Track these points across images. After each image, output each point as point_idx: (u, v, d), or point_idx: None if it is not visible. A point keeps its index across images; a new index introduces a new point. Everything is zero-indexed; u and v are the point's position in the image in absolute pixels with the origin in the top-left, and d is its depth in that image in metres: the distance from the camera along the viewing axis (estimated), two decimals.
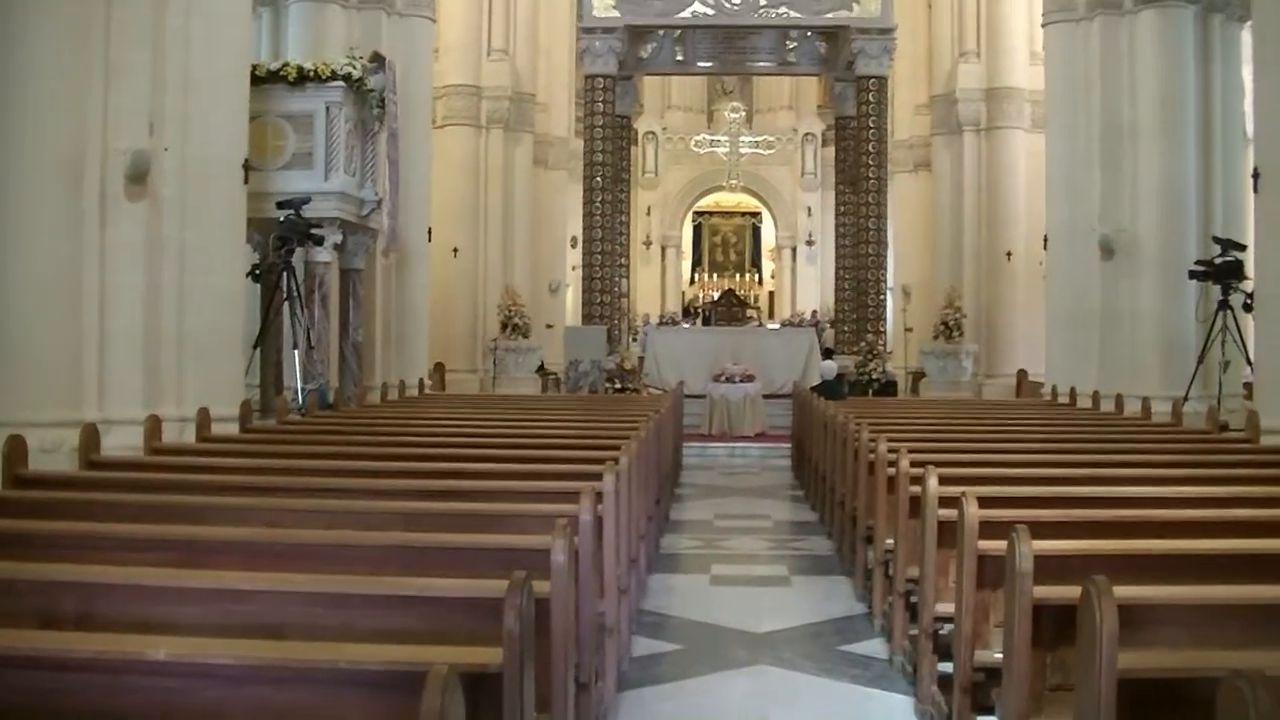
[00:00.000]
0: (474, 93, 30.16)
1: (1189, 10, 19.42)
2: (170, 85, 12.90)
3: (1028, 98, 29.45)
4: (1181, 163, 19.23)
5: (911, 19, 32.55)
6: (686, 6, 27.86)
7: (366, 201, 18.41)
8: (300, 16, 19.65)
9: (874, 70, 28.28)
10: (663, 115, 44.88)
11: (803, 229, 44.91)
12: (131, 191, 12.45)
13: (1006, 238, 29.73)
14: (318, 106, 16.80)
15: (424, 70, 22.35)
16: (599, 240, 28.93)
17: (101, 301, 12.24)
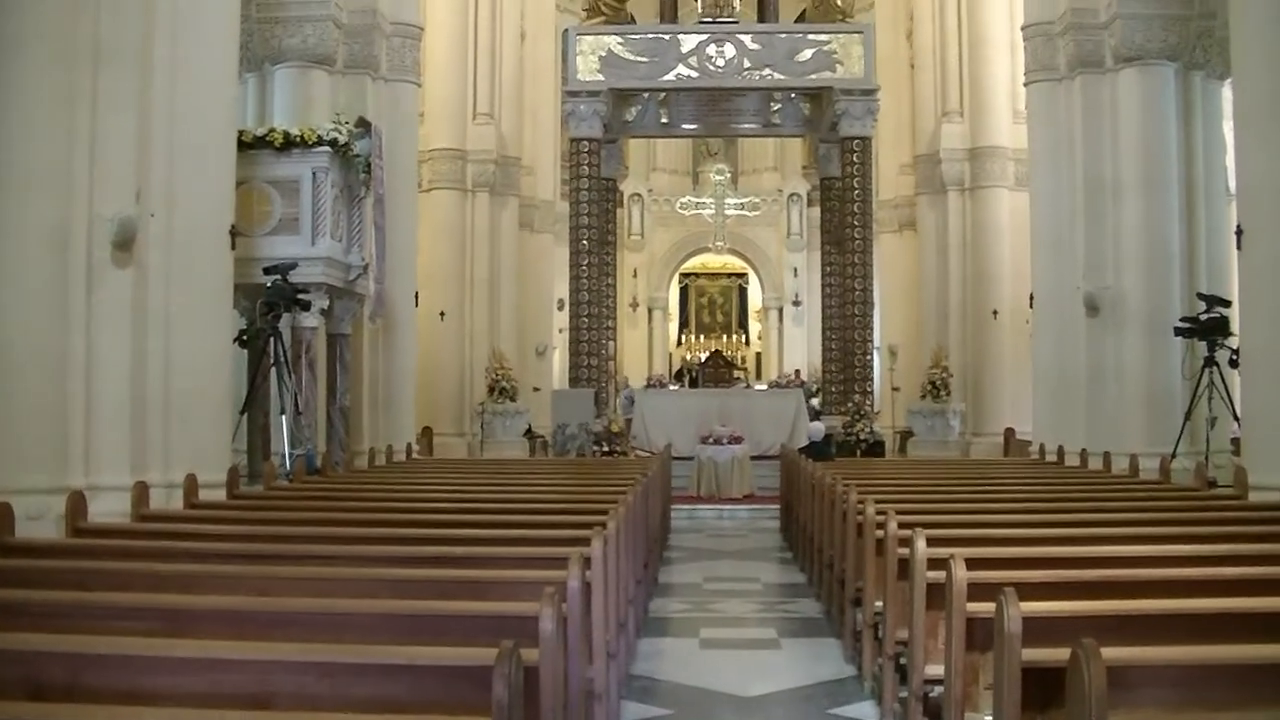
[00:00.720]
0: (459, 156, 30.24)
1: (1169, 68, 19.59)
2: (156, 152, 12.96)
3: (1011, 156, 29.58)
4: (1165, 219, 19.35)
5: (894, 80, 32.74)
6: (671, 70, 28.01)
7: (353, 266, 18.43)
8: (286, 82, 19.75)
9: (858, 131, 28.41)
10: (648, 177, 45.04)
11: (789, 290, 45.01)
12: (118, 258, 12.48)
13: (992, 296, 29.80)
14: (304, 172, 16.82)
15: (410, 134, 22.44)
16: (586, 303, 28.95)
17: (88, 367, 12.24)
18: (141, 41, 12.95)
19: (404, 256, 21.49)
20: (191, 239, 13.30)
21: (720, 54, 27.91)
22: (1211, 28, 19.48)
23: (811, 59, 27.81)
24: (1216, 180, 20.07)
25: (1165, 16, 19.51)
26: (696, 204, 42.30)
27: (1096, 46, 20.15)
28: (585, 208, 28.88)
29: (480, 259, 30.69)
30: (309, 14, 19.64)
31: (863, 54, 28.00)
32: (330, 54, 19.97)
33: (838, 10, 28.84)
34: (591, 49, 28.07)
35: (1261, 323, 14.17)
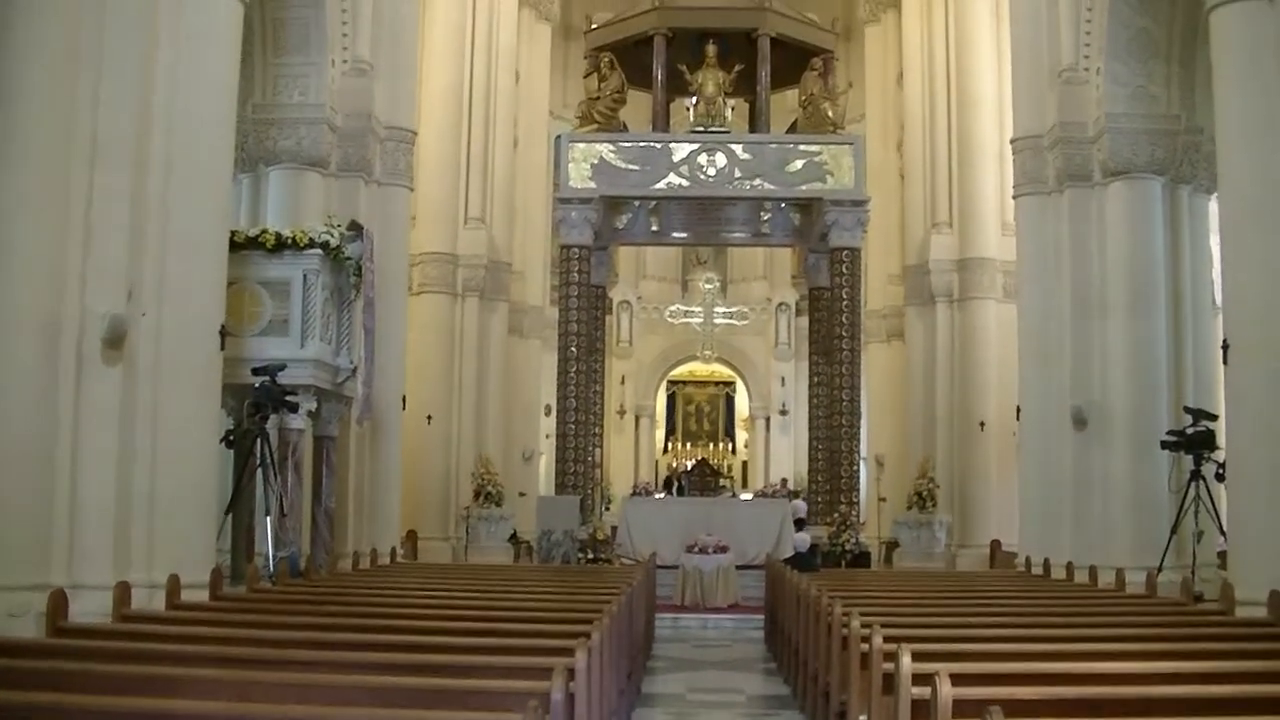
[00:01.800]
0: (450, 260, 30.32)
1: (1157, 182, 19.77)
2: (149, 249, 13.02)
3: (999, 268, 29.74)
4: (1152, 332, 19.44)
5: (884, 191, 32.97)
6: (662, 178, 28.15)
7: (342, 369, 18.43)
8: (280, 183, 19.86)
9: (847, 242, 28.50)
10: (637, 284, 45.16)
11: (776, 399, 45.04)
12: (108, 355, 12.48)
13: (979, 407, 29.83)
14: (295, 274, 16.86)
15: (401, 238, 22.54)
16: (573, 410, 28.90)
17: (74, 463, 12.21)
18: (137, 139, 13.04)
19: (392, 360, 21.51)
20: (181, 338, 13.31)
21: (711, 163, 28.07)
22: (1198, 142, 19.68)
23: (802, 169, 27.98)
24: (1203, 293, 20.19)
25: (1153, 131, 19.72)
26: (685, 312, 42.40)
27: (1085, 160, 20.34)
28: (574, 315, 28.90)
29: (469, 363, 30.71)
30: (304, 116, 19.80)
31: (853, 165, 28.16)
32: (324, 156, 20.10)
33: (829, 121, 29.01)
34: (584, 156, 28.21)
35: (1248, 437, 14.20)
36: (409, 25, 23.26)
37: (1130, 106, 19.85)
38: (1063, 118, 20.68)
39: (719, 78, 29.45)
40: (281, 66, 19.79)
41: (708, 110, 29.35)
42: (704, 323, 40.83)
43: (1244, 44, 14.45)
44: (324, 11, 19.77)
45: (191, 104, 13.76)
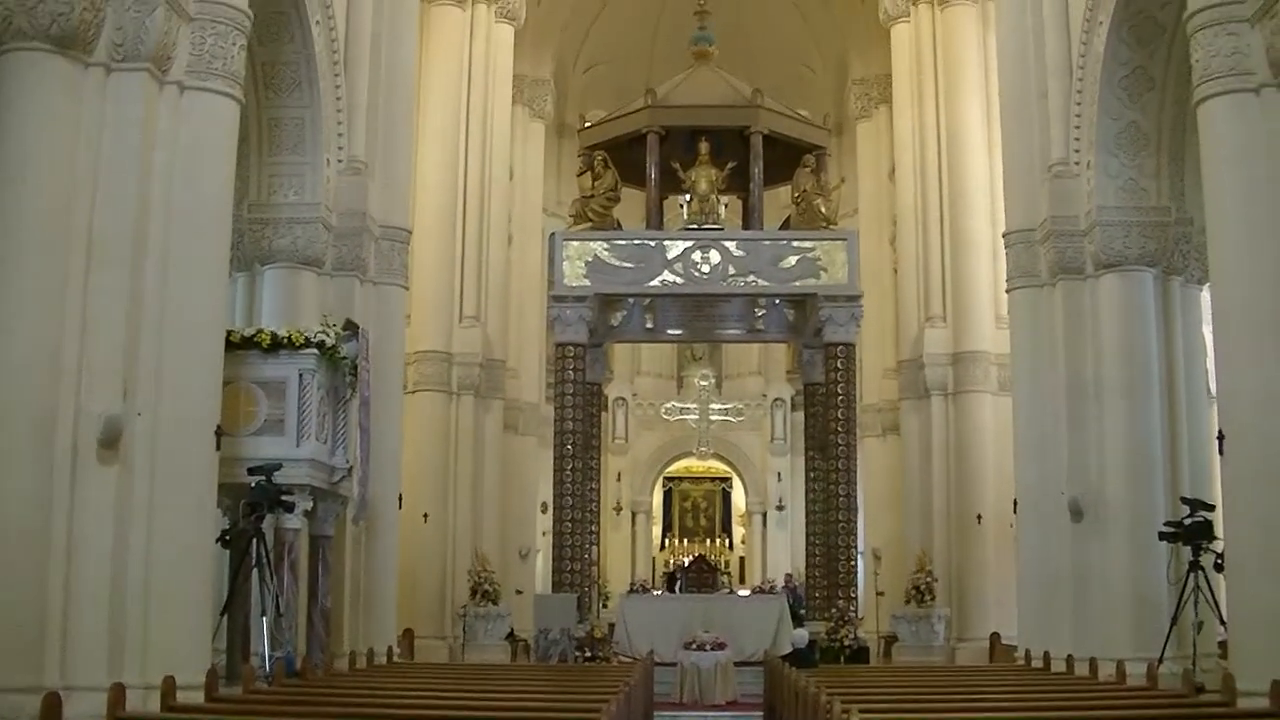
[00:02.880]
0: (445, 359, 30.37)
1: (1149, 274, 19.84)
2: (145, 348, 13.09)
3: (994, 361, 29.76)
4: (1147, 423, 19.42)
5: (878, 286, 33.12)
6: (656, 275, 28.23)
7: (337, 469, 18.40)
8: (275, 282, 19.89)
9: (842, 337, 28.53)
10: (633, 381, 45.20)
11: (773, 494, 44.95)
12: (103, 455, 12.51)
13: (976, 500, 29.76)
14: (291, 373, 16.86)
15: (396, 337, 22.59)
16: (569, 507, 28.81)
17: (68, 563, 12.21)
18: (134, 238, 13.15)
19: (388, 458, 21.47)
20: (177, 437, 13.35)
21: (705, 260, 28.17)
22: (1189, 233, 19.79)
23: (796, 265, 28.06)
24: (1197, 383, 20.20)
25: (1144, 223, 19.80)
26: (681, 409, 42.44)
27: (1077, 253, 20.42)
28: (570, 412, 28.87)
29: (465, 461, 30.67)
30: (299, 216, 19.86)
31: (847, 260, 28.24)
32: (319, 256, 20.15)
33: (822, 217, 29.15)
34: (578, 254, 28.31)
35: (1245, 527, 14.18)
36: (404, 124, 23.44)
37: (1121, 199, 19.97)
38: (1054, 211, 20.77)
39: (712, 175, 29.60)
40: (277, 165, 19.89)
41: (701, 207, 29.49)
42: (700, 419, 40.84)
43: (1233, 136, 14.57)
44: (319, 111, 19.91)
45: (189, 204, 13.90)
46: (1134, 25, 19.10)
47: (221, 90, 14.52)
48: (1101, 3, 19.50)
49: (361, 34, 21.60)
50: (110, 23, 13.22)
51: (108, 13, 13.16)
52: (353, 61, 21.27)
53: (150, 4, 13.42)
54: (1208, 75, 14.68)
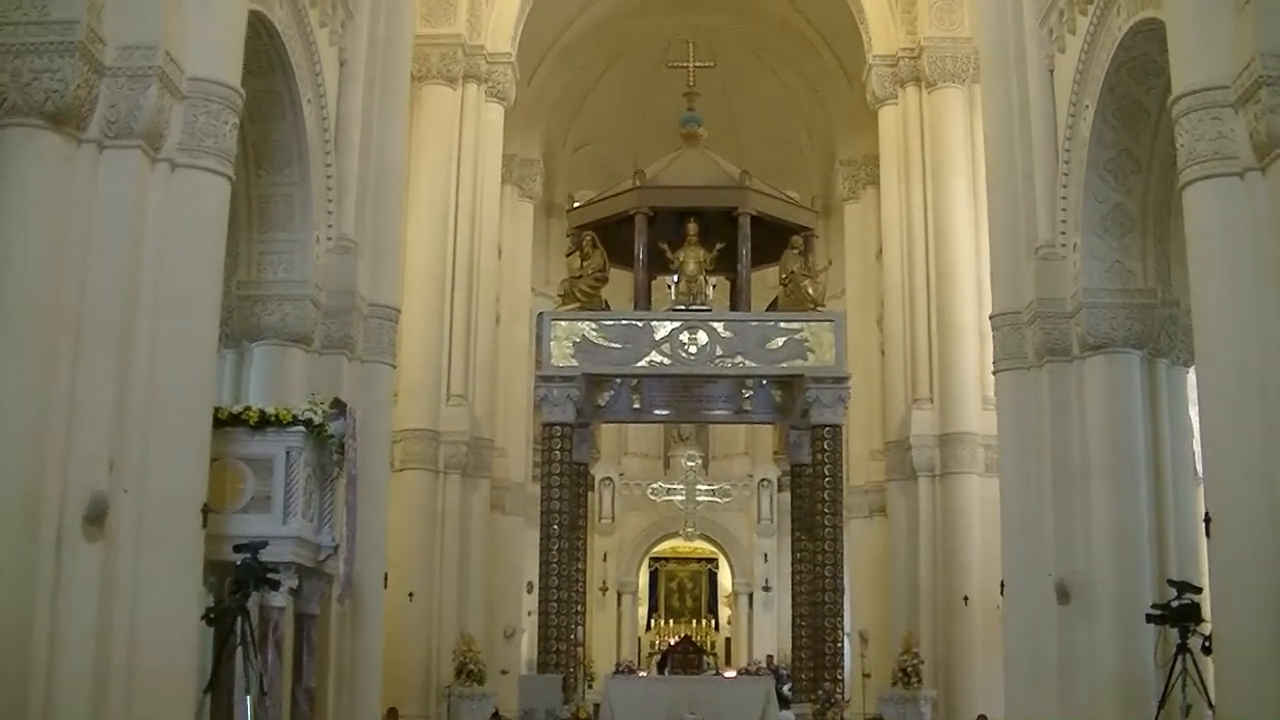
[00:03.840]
0: (432, 437, 30.32)
1: (1135, 355, 19.88)
2: (133, 427, 13.10)
3: (981, 443, 29.77)
4: (1134, 505, 19.40)
5: (865, 366, 33.18)
6: (644, 356, 28.23)
7: (324, 547, 18.30)
8: (263, 359, 19.88)
9: (829, 419, 28.49)
10: (619, 461, 45.22)
11: (759, 575, 44.88)
12: (88, 531, 12.50)
13: (962, 582, 29.68)
14: (278, 451, 16.78)
15: (384, 415, 22.56)
16: (555, 587, 28.67)
17: (51, 641, 12.17)
18: (123, 316, 13.20)
19: (374, 537, 21.37)
20: (163, 515, 13.34)
21: (693, 341, 28.18)
22: (1175, 315, 19.85)
23: (783, 347, 28.08)
24: (1184, 465, 20.22)
25: (1130, 305, 19.87)
26: (668, 489, 42.43)
27: (1063, 335, 20.49)
28: (557, 492, 28.78)
29: (450, 540, 30.57)
30: (288, 293, 19.90)
31: (834, 342, 28.26)
32: (308, 333, 20.17)
33: (809, 299, 29.19)
34: (566, 334, 28.32)
35: (1233, 610, 14.18)
36: (393, 203, 23.51)
37: (1107, 281, 20.06)
38: (1040, 293, 20.86)
39: (700, 256, 29.66)
40: (267, 243, 19.96)
41: (689, 288, 29.53)
42: (686, 499, 40.82)
43: (1217, 219, 14.68)
44: (310, 189, 20.00)
45: (179, 281, 13.99)
46: (1119, 109, 19.30)
47: (213, 168, 14.62)
48: (1087, 86, 19.70)
49: (352, 113, 21.74)
50: (104, 100, 13.34)
51: (102, 90, 13.28)
52: (343, 140, 21.41)
53: (144, 82, 13.54)
54: (1192, 159, 14.80)
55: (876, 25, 33.26)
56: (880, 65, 33.18)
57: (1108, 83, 19.06)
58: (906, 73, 32.65)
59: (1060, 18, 20.87)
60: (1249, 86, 14.00)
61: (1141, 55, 18.35)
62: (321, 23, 20.51)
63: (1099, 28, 19.16)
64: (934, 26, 31.98)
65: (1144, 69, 18.60)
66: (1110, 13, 18.71)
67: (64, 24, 12.93)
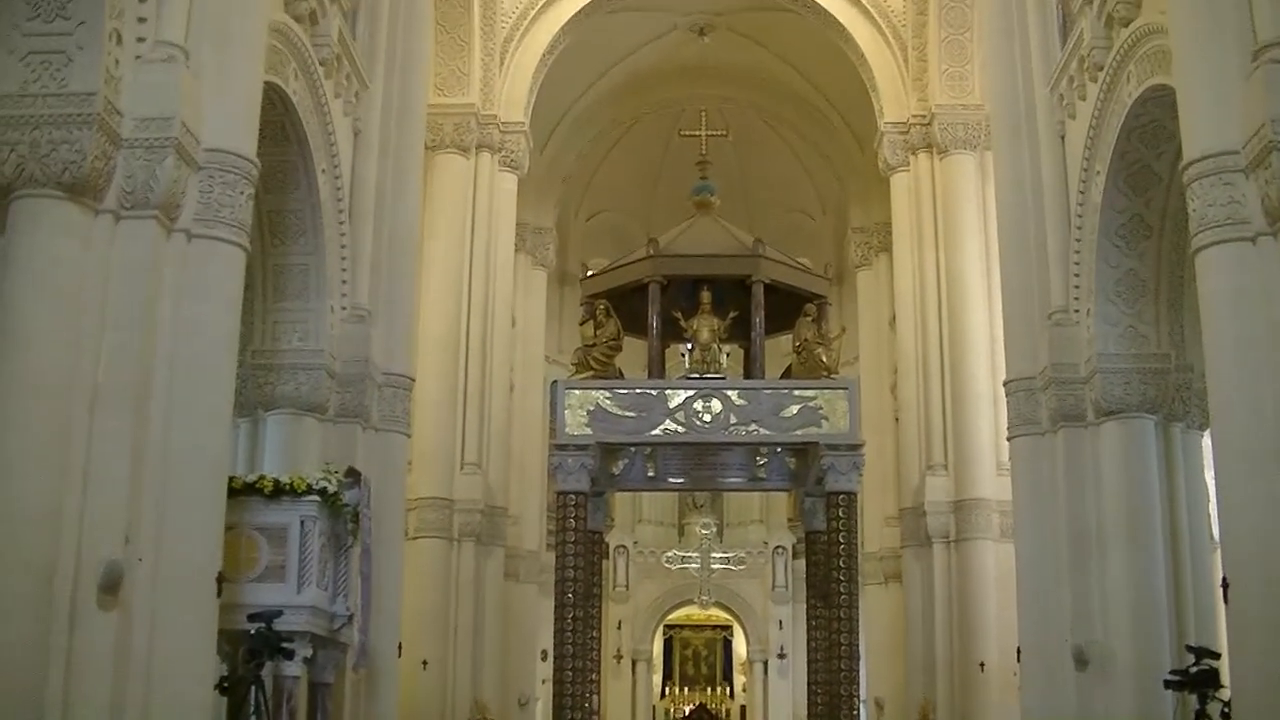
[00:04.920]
0: (446, 505, 30.28)
1: (1150, 420, 19.86)
2: (148, 494, 13.12)
3: (996, 508, 29.66)
4: (1151, 570, 19.31)
5: (879, 433, 33.12)
6: (658, 424, 28.16)
7: (338, 616, 18.28)
8: (278, 428, 19.93)
9: (843, 486, 28.37)
10: (634, 529, 45.17)
11: (774, 643, 44.70)
12: (103, 600, 12.49)
13: (979, 648, 29.51)
14: (292, 520, 16.79)
15: (398, 484, 22.56)
16: (570, 655, 28.53)
17: (64, 710, 12.11)
18: (139, 386, 13.25)
19: (389, 606, 21.32)
20: (178, 584, 13.34)
21: (707, 409, 28.12)
22: (1189, 379, 19.85)
23: (797, 414, 27.99)
24: (1200, 529, 20.15)
25: (1144, 370, 19.87)
26: (682, 557, 42.37)
27: (1077, 401, 20.47)
28: (571, 560, 28.67)
29: (465, 608, 30.48)
30: (303, 362, 19.96)
31: (848, 409, 28.16)
32: (322, 402, 20.21)
33: (823, 366, 29.13)
34: (580, 403, 28.27)
35: (1252, 675, 14.08)
36: (407, 272, 23.61)
37: (1121, 346, 20.07)
38: (1054, 359, 20.86)
39: (714, 324, 29.66)
40: (281, 312, 20.05)
41: (703, 356, 29.51)
42: (701, 567, 40.74)
43: (1230, 284, 14.68)
44: (324, 258, 20.11)
45: (194, 351, 14.04)
46: (1130, 174, 19.36)
47: (228, 238, 14.70)
48: (1098, 152, 19.77)
49: (366, 182, 21.87)
50: (121, 171, 13.45)
51: (119, 161, 13.40)
52: (357, 209, 21.52)
53: (160, 153, 13.65)
54: (1204, 224, 14.83)
55: (888, 93, 33.43)
56: (892, 132, 33.34)
57: (1119, 148, 19.15)
58: (918, 140, 32.80)
59: (1070, 84, 20.99)
60: (1260, 152, 14.04)
61: (1152, 121, 18.44)
62: (336, 93, 20.67)
63: (1109, 94, 19.26)
64: (945, 94, 32.11)
65: (1155, 134, 18.69)
66: (1120, 79, 18.81)
67: (82, 96, 13.07)
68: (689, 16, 36.65)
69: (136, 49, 13.91)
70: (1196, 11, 15.28)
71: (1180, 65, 15.78)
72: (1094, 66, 19.75)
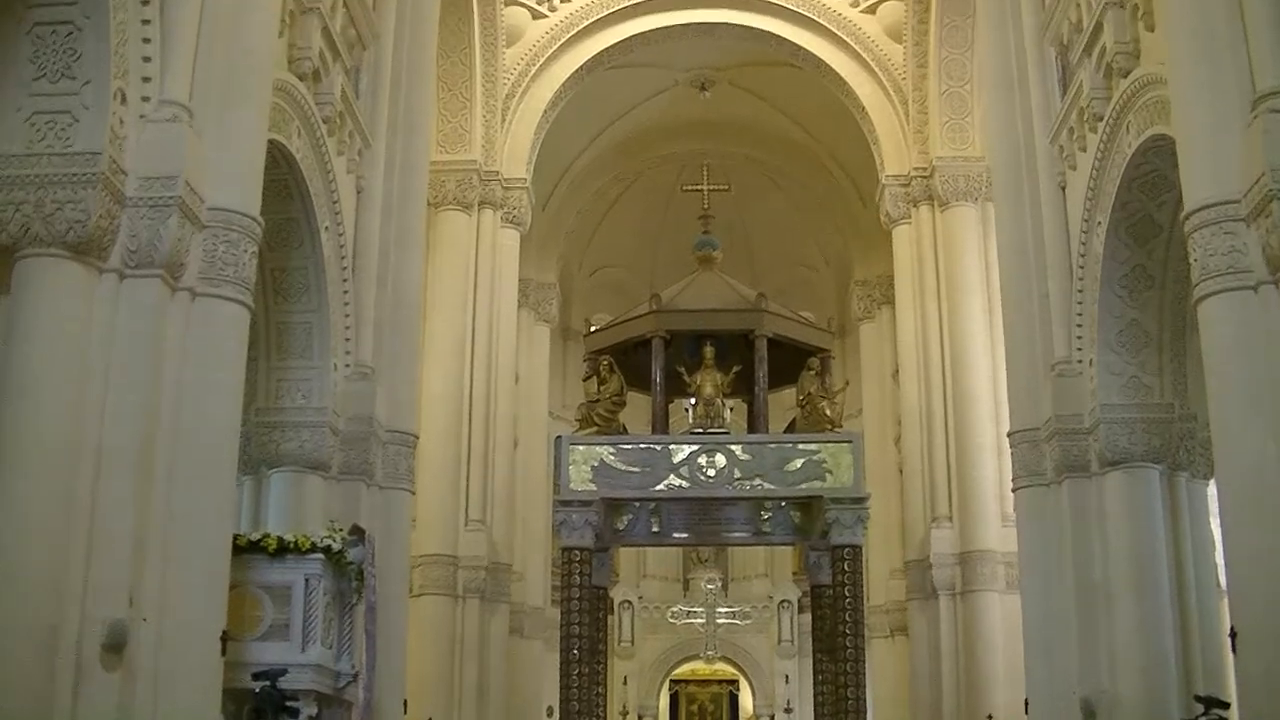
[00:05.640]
0: (451, 562, 30.21)
1: (1154, 470, 19.83)
2: (152, 556, 13.13)
3: (1001, 560, 29.59)
4: (1158, 620, 19.23)
5: (883, 485, 33.05)
6: (662, 480, 28.14)
7: (343, 674, 18.22)
8: (281, 485, 19.90)
9: (848, 539, 28.33)
10: (639, 584, 45.03)
11: (780, 696, 44.42)
12: (107, 660, 12.46)
13: (986, 701, 29.34)
14: (297, 578, 16.77)
15: (402, 541, 22.51)
16: (575, 712, 28.41)
17: None
18: (142, 446, 13.24)
19: (393, 664, 21.25)
20: (182, 643, 13.31)
21: (711, 464, 28.10)
22: (1193, 429, 19.84)
23: (801, 468, 27.98)
24: (1207, 578, 20.08)
25: (1148, 420, 19.86)
26: (687, 612, 42.20)
27: (1082, 451, 20.46)
28: (576, 617, 28.60)
29: (470, 665, 30.36)
30: (307, 420, 19.96)
31: (852, 463, 28.16)
32: (326, 460, 20.19)
33: (826, 420, 29.14)
34: (584, 459, 28.25)
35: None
36: (411, 329, 23.64)
37: (1124, 396, 20.06)
38: (1058, 410, 20.85)
39: (717, 379, 29.69)
40: (285, 370, 20.07)
41: (707, 411, 29.54)
42: (706, 621, 40.55)
43: (1233, 333, 14.70)
44: (328, 316, 20.14)
45: (198, 409, 14.04)
46: (1132, 225, 19.41)
47: (233, 297, 14.72)
48: (1099, 202, 19.83)
49: (370, 240, 21.92)
50: (125, 230, 13.48)
51: (123, 220, 13.43)
52: (361, 267, 21.58)
53: (165, 211, 13.68)
54: (1206, 274, 14.85)
55: (889, 146, 33.59)
56: (893, 185, 33.47)
57: (1119, 199, 19.21)
58: (919, 192, 32.92)
59: (1070, 135, 21.07)
60: (1260, 200, 14.07)
61: (1152, 171, 18.50)
62: (339, 151, 20.76)
63: (1109, 144, 19.32)
64: (946, 146, 32.23)
65: (1155, 184, 18.75)
66: (1120, 129, 18.88)
67: (87, 155, 13.11)
68: (690, 72, 36.87)
69: (141, 108, 13.96)
70: (1195, 61, 15.34)
71: (1179, 115, 15.84)
72: (1094, 117, 19.84)
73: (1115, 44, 18.86)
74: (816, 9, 33.69)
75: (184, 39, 14.51)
